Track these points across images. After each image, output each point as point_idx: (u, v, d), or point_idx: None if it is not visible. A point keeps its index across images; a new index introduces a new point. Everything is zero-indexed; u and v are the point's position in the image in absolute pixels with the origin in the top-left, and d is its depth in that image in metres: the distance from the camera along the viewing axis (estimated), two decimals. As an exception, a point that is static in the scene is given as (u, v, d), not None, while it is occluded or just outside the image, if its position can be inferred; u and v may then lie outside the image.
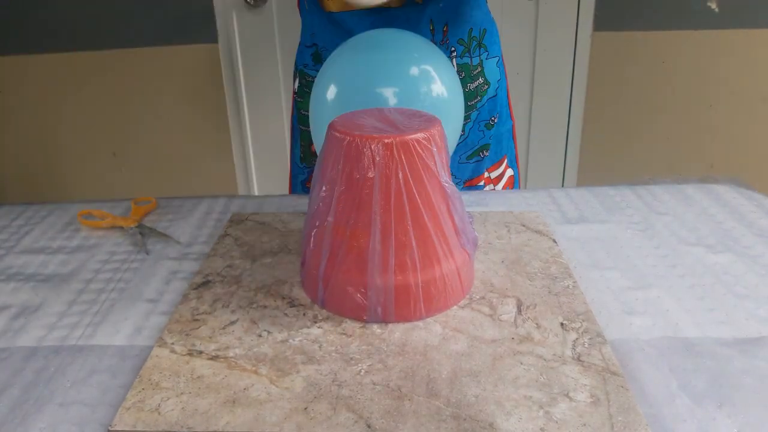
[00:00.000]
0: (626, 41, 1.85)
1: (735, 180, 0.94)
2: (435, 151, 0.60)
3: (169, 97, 1.96)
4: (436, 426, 0.49)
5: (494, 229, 0.80)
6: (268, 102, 1.99)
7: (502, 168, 1.02)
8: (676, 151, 1.97)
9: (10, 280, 0.73)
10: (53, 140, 2.04)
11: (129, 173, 2.07)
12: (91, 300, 0.68)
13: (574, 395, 0.51)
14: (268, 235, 0.80)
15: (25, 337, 0.62)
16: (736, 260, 0.73)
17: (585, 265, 0.72)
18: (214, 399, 0.52)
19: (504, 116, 0.99)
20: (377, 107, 0.69)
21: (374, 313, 0.61)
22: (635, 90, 1.90)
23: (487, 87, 0.93)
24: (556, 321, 0.61)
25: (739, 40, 1.82)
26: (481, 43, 0.91)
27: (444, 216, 0.61)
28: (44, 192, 2.11)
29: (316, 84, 0.80)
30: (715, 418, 0.50)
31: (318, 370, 0.55)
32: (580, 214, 0.85)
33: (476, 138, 0.96)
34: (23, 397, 0.54)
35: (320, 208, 0.62)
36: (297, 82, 0.98)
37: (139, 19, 1.87)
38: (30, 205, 0.93)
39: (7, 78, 1.96)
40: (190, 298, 0.67)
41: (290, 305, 0.65)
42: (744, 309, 0.64)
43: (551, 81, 1.94)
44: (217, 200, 0.93)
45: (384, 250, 0.59)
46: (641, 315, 0.63)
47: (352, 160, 0.59)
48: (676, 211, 0.85)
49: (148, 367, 0.56)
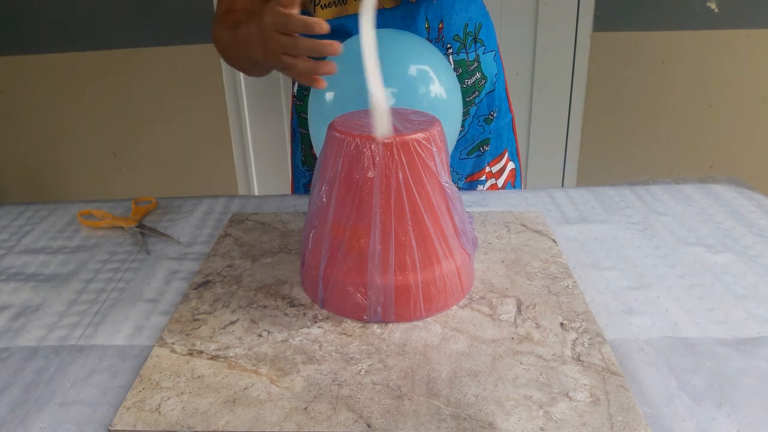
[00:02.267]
0: (626, 41, 1.85)
1: (735, 180, 0.94)
2: (435, 151, 0.60)
3: (169, 97, 1.96)
4: (436, 426, 0.49)
5: (494, 229, 0.80)
6: (268, 102, 1.99)
7: (504, 161, 1.02)
8: (676, 151, 1.97)
9: (11, 280, 0.73)
10: (53, 140, 2.04)
11: (129, 173, 2.07)
12: (91, 300, 0.68)
13: (574, 395, 0.51)
14: (268, 235, 0.80)
15: (26, 336, 0.62)
16: (736, 260, 0.73)
17: (584, 265, 0.72)
18: (215, 399, 0.52)
19: (503, 110, 0.99)
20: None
21: (374, 313, 0.61)
22: (635, 90, 1.90)
23: (485, 82, 0.93)
24: (555, 321, 0.61)
25: (739, 40, 1.82)
26: (476, 38, 0.91)
27: (444, 216, 0.61)
28: (45, 192, 2.11)
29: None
30: (714, 417, 0.50)
31: (318, 370, 0.55)
32: (579, 214, 0.85)
33: (476, 133, 0.96)
34: (24, 397, 0.54)
35: (320, 208, 0.62)
36: (296, 85, 0.98)
37: (140, 20, 1.87)
38: (30, 205, 0.93)
39: (7, 78, 1.96)
40: (190, 298, 0.67)
41: (290, 305, 0.65)
42: (743, 309, 0.64)
43: (551, 81, 1.94)
44: (217, 200, 0.93)
45: (384, 250, 0.59)
46: (641, 315, 0.63)
47: (352, 160, 0.59)
48: (676, 211, 0.85)
49: (148, 366, 0.56)
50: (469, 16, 0.89)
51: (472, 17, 0.90)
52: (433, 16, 0.86)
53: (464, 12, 0.88)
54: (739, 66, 1.85)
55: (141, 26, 1.88)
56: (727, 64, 1.85)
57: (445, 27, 0.87)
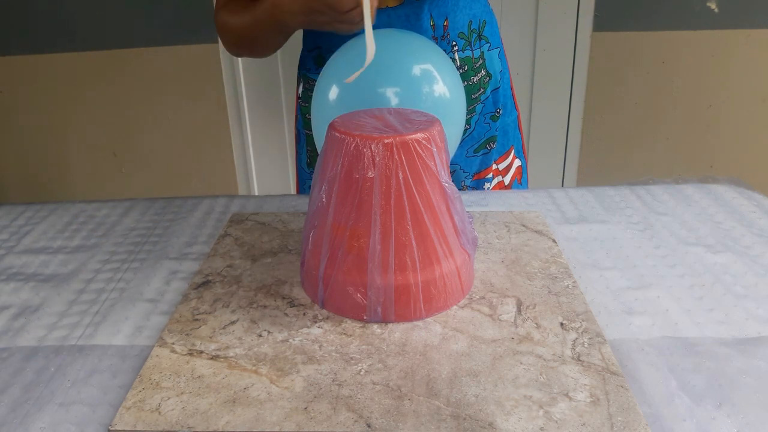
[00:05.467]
0: (626, 41, 1.85)
1: (735, 180, 0.94)
2: (435, 151, 0.60)
3: (169, 97, 1.96)
4: (436, 426, 0.49)
5: (494, 229, 0.80)
6: (268, 102, 1.99)
7: (510, 159, 1.02)
8: (676, 151, 1.97)
9: (11, 280, 0.73)
10: (54, 140, 2.04)
11: (129, 173, 2.07)
12: (91, 300, 0.68)
13: (574, 395, 0.51)
14: (268, 235, 0.80)
15: (26, 337, 0.62)
16: (736, 260, 0.73)
17: (584, 265, 0.72)
18: (215, 399, 0.52)
19: (509, 107, 0.99)
20: (377, 107, 0.69)
21: (374, 313, 0.61)
22: (635, 90, 1.90)
23: (490, 79, 0.93)
24: (555, 321, 0.61)
25: (739, 40, 1.82)
26: (481, 35, 0.91)
27: (444, 216, 0.62)
28: (45, 192, 2.11)
29: (318, 86, 0.80)
30: (714, 417, 0.50)
31: (318, 370, 0.55)
32: (579, 214, 0.85)
33: (483, 131, 0.96)
34: (23, 397, 0.54)
35: (320, 208, 0.62)
36: (301, 86, 0.98)
37: (139, 20, 1.87)
38: (30, 205, 0.93)
39: (7, 78, 1.96)
40: (190, 297, 0.67)
41: (290, 305, 0.65)
42: (743, 309, 0.64)
43: (551, 81, 1.94)
44: (217, 200, 0.93)
45: (384, 250, 0.59)
46: (641, 315, 0.63)
47: (352, 160, 0.59)
48: (676, 211, 0.85)
49: (148, 366, 0.56)
50: (474, 14, 0.90)
51: (476, 14, 0.90)
52: (438, 13, 0.86)
53: (468, 9, 0.89)
54: (739, 66, 1.85)
55: (141, 26, 1.88)
56: (727, 64, 1.85)
57: (450, 24, 0.87)
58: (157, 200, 0.93)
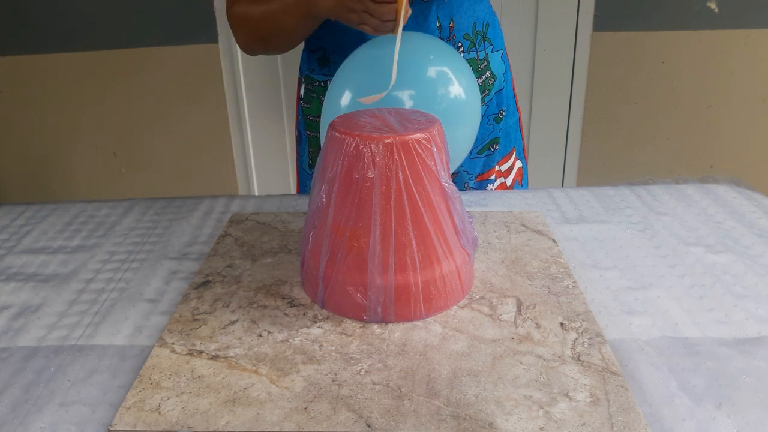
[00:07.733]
0: (626, 41, 1.85)
1: (735, 180, 0.94)
2: (435, 151, 0.60)
3: (169, 97, 1.96)
4: (436, 426, 0.49)
5: (494, 229, 0.80)
6: (268, 102, 1.99)
7: (512, 160, 1.02)
8: (676, 151, 1.97)
9: (11, 280, 0.73)
10: (54, 140, 2.04)
11: (129, 173, 2.07)
12: (91, 300, 0.68)
13: (574, 395, 0.51)
14: (268, 235, 0.80)
15: (26, 337, 0.62)
16: (736, 260, 0.73)
17: (584, 265, 0.72)
18: (215, 399, 0.52)
19: (511, 109, 0.99)
20: (377, 107, 0.69)
21: (374, 313, 0.61)
22: (635, 90, 1.90)
23: (494, 80, 0.93)
24: (555, 321, 0.61)
25: (739, 40, 1.82)
26: (485, 36, 0.91)
27: (444, 216, 0.61)
28: (45, 192, 2.11)
29: (331, 89, 0.80)
30: (714, 417, 0.50)
31: (318, 370, 0.55)
32: (579, 214, 0.85)
33: (486, 132, 0.96)
34: (23, 397, 0.54)
35: (320, 208, 0.62)
36: (303, 88, 0.98)
37: (139, 20, 1.87)
38: (30, 205, 0.93)
39: (7, 78, 1.96)
40: (190, 297, 0.67)
41: (290, 305, 0.65)
42: (743, 309, 0.64)
43: (551, 81, 1.94)
44: (217, 200, 0.93)
45: (384, 250, 0.59)
46: (641, 315, 0.63)
47: (352, 160, 0.59)
48: (676, 211, 0.85)
49: (148, 366, 0.56)
50: (477, 15, 0.90)
51: (480, 16, 0.90)
52: (444, 14, 0.87)
53: (472, 11, 0.89)
54: (739, 66, 1.85)
55: (141, 26, 1.87)
56: (727, 64, 1.85)
57: (456, 26, 0.88)
58: (157, 200, 0.93)
